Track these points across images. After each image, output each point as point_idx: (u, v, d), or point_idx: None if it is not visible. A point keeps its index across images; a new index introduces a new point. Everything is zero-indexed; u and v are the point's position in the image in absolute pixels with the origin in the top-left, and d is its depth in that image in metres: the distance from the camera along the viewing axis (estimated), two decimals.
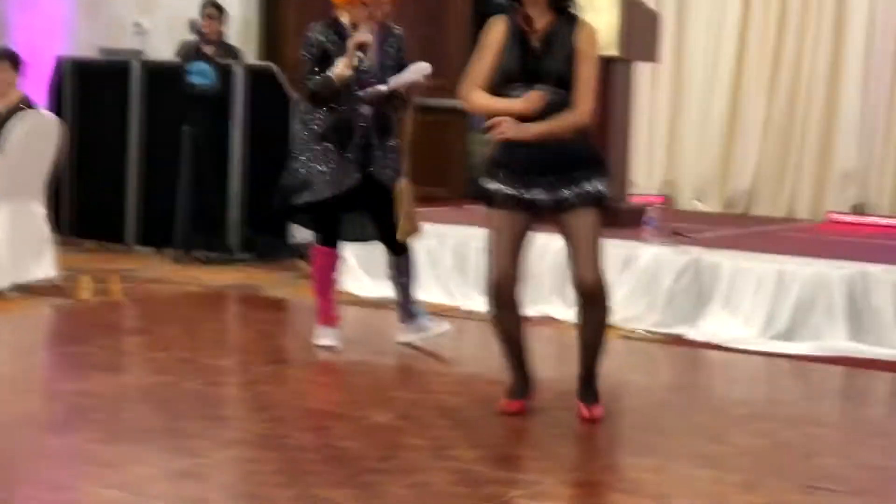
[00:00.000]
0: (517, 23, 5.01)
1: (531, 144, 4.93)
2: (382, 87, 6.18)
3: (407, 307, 6.50)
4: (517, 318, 5.15)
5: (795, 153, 9.90)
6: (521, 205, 5.00)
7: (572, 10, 5.03)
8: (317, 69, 6.15)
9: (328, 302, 6.45)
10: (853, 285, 6.83)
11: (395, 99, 6.30)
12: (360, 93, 6.16)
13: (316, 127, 6.22)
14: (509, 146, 4.99)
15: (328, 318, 6.45)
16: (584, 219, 4.98)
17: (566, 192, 4.95)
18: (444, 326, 6.58)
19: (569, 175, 4.95)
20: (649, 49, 8.67)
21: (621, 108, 8.39)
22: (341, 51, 6.15)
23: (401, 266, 6.43)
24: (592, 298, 5.03)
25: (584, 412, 5.14)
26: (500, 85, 5.01)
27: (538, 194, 4.97)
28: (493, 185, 5.04)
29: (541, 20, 4.98)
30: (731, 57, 10.08)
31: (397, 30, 6.39)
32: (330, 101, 6.17)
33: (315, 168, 6.20)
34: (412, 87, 6.25)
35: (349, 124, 6.19)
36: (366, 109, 6.22)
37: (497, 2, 5.27)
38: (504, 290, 5.04)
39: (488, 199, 5.07)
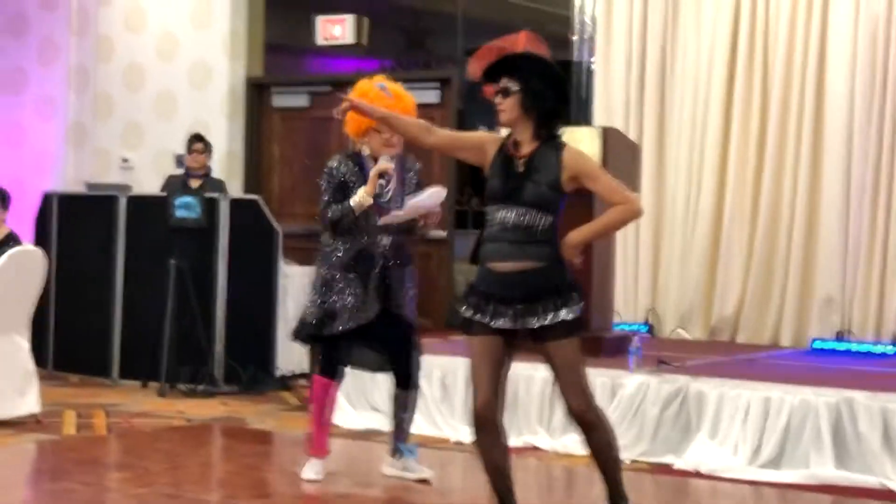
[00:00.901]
0: (507, 146, 5.10)
1: (500, 273, 4.98)
2: (399, 212, 6.21)
3: (399, 444, 6.45)
4: (500, 446, 5.09)
5: (779, 280, 9.94)
6: (492, 332, 5.01)
7: (558, 139, 5.11)
8: (333, 199, 6.20)
9: (323, 433, 6.41)
10: (839, 413, 6.82)
11: (412, 228, 6.36)
12: (380, 221, 6.20)
13: (337, 258, 6.24)
14: (482, 273, 5.05)
15: (320, 449, 6.40)
16: (562, 348, 4.98)
17: (534, 321, 4.95)
18: (426, 473, 6.46)
19: (536, 304, 4.96)
20: (630, 179, 8.72)
21: (604, 238, 8.44)
22: (360, 182, 6.22)
23: (407, 402, 6.40)
24: (586, 425, 5.02)
25: None
26: (486, 204, 5.12)
27: (506, 323, 4.98)
28: (468, 313, 5.06)
29: (528, 146, 5.08)
30: (712, 185, 10.17)
31: (415, 162, 6.47)
32: (351, 231, 6.21)
33: (339, 299, 6.21)
34: (428, 215, 6.30)
35: (371, 254, 6.23)
36: (385, 240, 6.27)
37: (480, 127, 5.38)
38: (485, 417, 5.00)
39: (465, 326, 5.09)
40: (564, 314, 4.95)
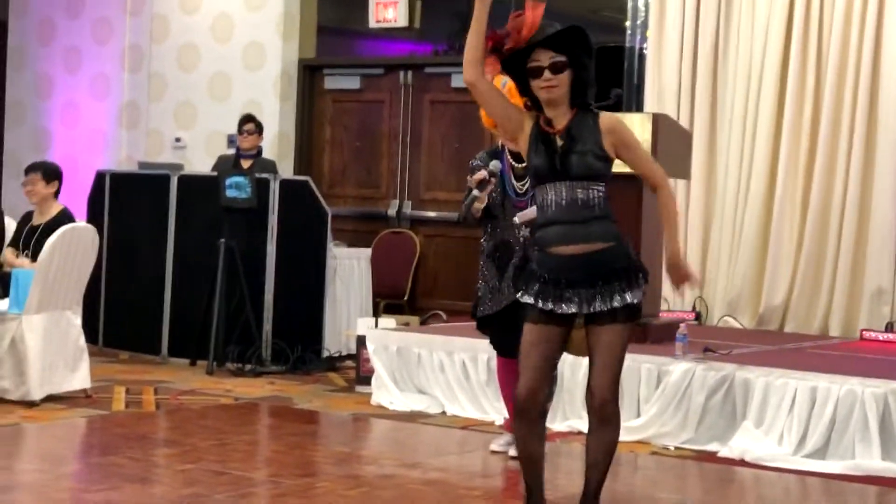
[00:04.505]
0: (541, 125, 4.93)
1: (565, 256, 4.82)
2: (515, 219, 6.30)
3: None
4: (538, 436, 4.95)
5: (829, 270, 9.89)
6: (556, 319, 4.86)
7: (591, 107, 4.95)
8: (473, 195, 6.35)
9: (508, 407, 6.57)
10: (886, 404, 6.78)
11: None
12: (516, 219, 6.33)
13: (484, 247, 6.51)
14: (542, 258, 4.88)
15: (507, 423, 6.67)
16: (611, 333, 4.82)
17: (600, 305, 4.79)
18: None
19: (604, 286, 4.80)
20: (682, 166, 8.73)
21: (653, 225, 8.42)
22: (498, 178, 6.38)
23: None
24: (602, 416, 4.84)
25: None
26: (533, 185, 4.99)
27: (573, 307, 4.80)
28: (528, 299, 4.88)
29: (561, 120, 4.90)
30: (763, 173, 10.12)
31: None
32: (487, 222, 6.44)
33: (481, 286, 6.50)
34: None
35: (508, 246, 6.38)
36: (524, 231, 6.31)
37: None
38: (528, 406, 4.86)
39: (524, 311, 4.92)
40: (630, 298, 4.82)
